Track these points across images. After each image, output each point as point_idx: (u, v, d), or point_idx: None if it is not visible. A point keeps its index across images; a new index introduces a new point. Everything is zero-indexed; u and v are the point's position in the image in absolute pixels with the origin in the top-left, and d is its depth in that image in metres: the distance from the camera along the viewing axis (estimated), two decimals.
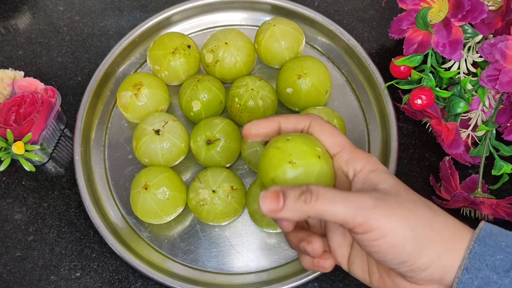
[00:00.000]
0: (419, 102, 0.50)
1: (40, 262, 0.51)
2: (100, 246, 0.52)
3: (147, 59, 0.57)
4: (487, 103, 0.51)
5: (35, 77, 0.55)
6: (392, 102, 0.56)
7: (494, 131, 0.51)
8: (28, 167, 0.51)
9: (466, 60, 0.51)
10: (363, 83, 0.59)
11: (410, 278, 0.34)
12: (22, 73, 0.55)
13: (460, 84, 0.51)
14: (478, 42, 0.52)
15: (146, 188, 0.48)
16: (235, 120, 0.55)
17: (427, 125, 0.57)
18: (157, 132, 0.51)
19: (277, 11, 0.62)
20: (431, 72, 0.51)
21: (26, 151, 0.50)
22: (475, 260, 0.32)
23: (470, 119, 0.53)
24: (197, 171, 0.55)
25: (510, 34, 0.47)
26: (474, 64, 0.52)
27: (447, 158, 0.52)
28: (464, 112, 0.51)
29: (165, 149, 0.51)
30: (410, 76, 0.52)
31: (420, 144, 0.57)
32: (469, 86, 0.51)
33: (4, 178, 0.56)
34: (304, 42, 0.57)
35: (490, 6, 0.50)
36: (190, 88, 0.54)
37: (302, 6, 0.61)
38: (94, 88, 0.57)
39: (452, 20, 0.48)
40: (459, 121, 0.51)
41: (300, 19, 0.61)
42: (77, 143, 0.54)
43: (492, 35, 0.51)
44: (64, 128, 0.58)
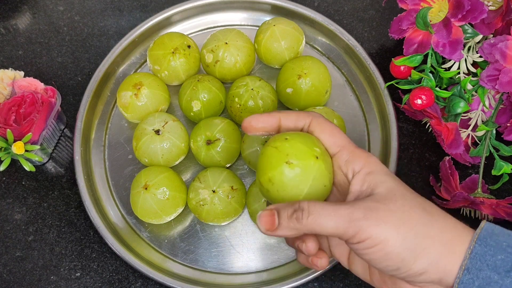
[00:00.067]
0: (419, 102, 0.50)
1: (40, 262, 0.51)
2: (100, 246, 0.52)
3: (147, 59, 0.57)
4: (487, 103, 0.51)
5: (35, 77, 0.55)
6: (392, 102, 0.56)
7: (494, 131, 0.51)
8: (28, 167, 0.51)
9: (466, 60, 0.51)
10: (363, 83, 0.59)
11: (408, 281, 0.34)
12: (22, 73, 0.55)
13: (460, 84, 0.51)
14: (478, 42, 0.52)
15: (146, 188, 0.48)
16: (235, 120, 0.55)
17: (427, 125, 0.57)
18: (157, 132, 0.51)
19: (277, 11, 0.62)
20: (431, 72, 0.51)
21: (26, 151, 0.50)
22: (476, 260, 0.32)
23: (470, 119, 0.53)
24: (197, 171, 0.55)
25: (510, 34, 0.47)
26: (474, 64, 0.52)
27: (447, 158, 0.52)
28: (464, 112, 0.51)
29: (165, 149, 0.51)
30: (410, 76, 0.52)
31: (420, 144, 0.57)
32: (469, 86, 0.51)
33: (4, 178, 0.56)
34: (304, 42, 0.57)
35: (490, 6, 0.50)
36: (190, 88, 0.54)
37: (302, 6, 0.61)
38: (94, 88, 0.57)
39: (452, 20, 0.48)
40: (459, 121, 0.51)
41: (300, 19, 0.61)
42: (77, 143, 0.54)
43: (492, 35, 0.51)
44: (64, 128, 0.58)
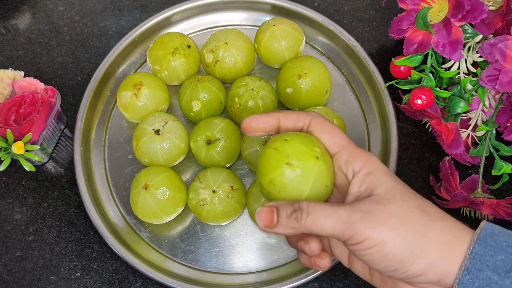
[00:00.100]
0: (419, 102, 0.50)
1: (40, 262, 0.51)
2: (100, 246, 0.52)
3: (147, 59, 0.57)
4: (487, 103, 0.51)
5: (35, 77, 0.55)
6: (392, 102, 0.56)
7: (494, 131, 0.51)
8: (28, 167, 0.51)
9: (466, 60, 0.51)
10: (363, 83, 0.59)
11: (407, 281, 0.34)
12: (22, 73, 0.55)
13: (460, 84, 0.51)
14: (478, 42, 0.52)
15: (146, 188, 0.48)
16: (235, 120, 0.55)
17: (427, 125, 0.57)
18: (157, 132, 0.51)
19: (277, 11, 0.62)
20: (431, 72, 0.51)
21: (26, 151, 0.50)
22: (475, 260, 0.32)
23: (470, 119, 0.53)
24: (197, 171, 0.55)
25: (510, 34, 0.47)
26: (474, 64, 0.52)
27: (447, 158, 0.52)
28: (464, 112, 0.51)
29: (165, 149, 0.51)
30: (410, 76, 0.52)
31: (420, 144, 0.57)
32: (469, 86, 0.51)
33: (4, 178, 0.56)
34: (304, 42, 0.57)
35: (490, 6, 0.50)
36: (190, 88, 0.54)
37: (302, 6, 0.61)
38: (94, 88, 0.57)
39: (452, 20, 0.48)
40: (459, 121, 0.51)
41: (300, 19, 0.61)
42: (77, 143, 0.54)
43: (492, 35, 0.51)
44: (64, 128, 0.58)
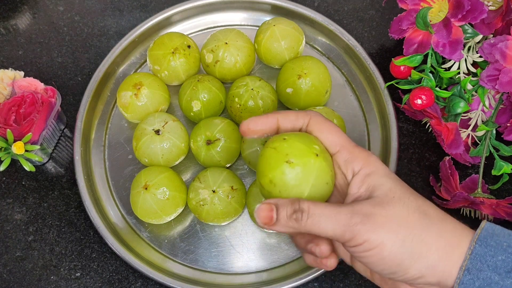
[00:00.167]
0: (419, 102, 0.50)
1: (40, 262, 0.51)
2: (100, 246, 0.52)
3: (147, 59, 0.57)
4: (487, 103, 0.51)
5: (35, 77, 0.55)
6: (392, 102, 0.56)
7: (494, 131, 0.51)
8: (28, 167, 0.51)
9: (466, 60, 0.51)
10: (363, 83, 0.59)
11: (407, 283, 0.34)
12: (22, 73, 0.55)
13: (460, 84, 0.51)
14: (478, 42, 0.52)
15: (146, 188, 0.48)
16: (235, 120, 0.55)
17: (427, 125, 0.57)
18: (157, 132, 0.51)
19: (277, 11, 0.62)
20: (431, 72, 0.51)
21: (26, 151, 0.50)
22: (476, 261, 0.32)
23: (470, 119, 0.53)
24: (197, 171, 0.55)
25: (510, 34, 0.47)
26: (474, 64, 0.52)
27: (447, 158, 0.52)
28: (464, 112, 0.51)
29: (165, 149, 0.51)
30: (410, 76, 0.52)
31: (420, 144, 0.57)
32: (469, 86, 0.51)
33: (4, 178, 0.56)
34: (304, 42, 0.57)
35: (490, 6, 0.50)
36: (190, 88, 0.54)
37: (302, 6, 0.61)
38: (94, 88, 0.57)
39: (452, 20, 0.48)
40: (459, 121, 0.51)
41: (300, 19, 0.61)
42: (77, 143, 0.54)
43: (492, 35, 0.51)
44: (64, 128, 0.58)
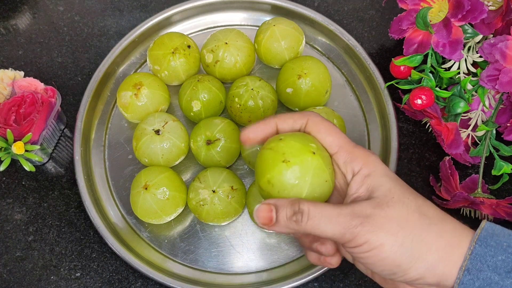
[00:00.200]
0: (419, 102, 0.50)
1: (40, 262, 0.51)
2: (100, 246, 0.52)
3: (147, 59, 0.57)
4: (487, 103, 0.51)
5: (35, 77, 0.55)
6: (392, 102, 0.56)
7: (494, 131, 0.51)
8: (28, 167, 0.51)
9: (466, 60, 0.51)
10: (363, 83, 0.59)
11: (406, 283, 0.34)
12: (22, 73, 0.55)
13: (460, 84, 0.51)
14: (478, 42, 0.52)
15: (146, 188, 0.48)
16: (235, 120, 0.55)
17: (427, 125, 0.57)
18: (157, 132, 0.51)
19: (277, 11, 0.62)
20: (431, 72, 0.51)
21: (26, 151, 0.50)
22: (476, 261, 0.32)
23: (470, 119, 0.53)
24: (197, 171, 0.55)
25: (510, 34, 0.47)
26: (474, 64, 0.52)
27: (447, 158, 0.52)
28: (464, 112, 0.51)
29: (165, 149, 0.51)
30: (410, 76, 0.52)
31: (420, 144, 0.57)
32: (469, 86, 0.51)
33: (4, 178, 0.56)
34: (304, 42, 0.57)
35: (490, 6, 0.50)
36: (190, 88, 0.54)
37: (302, 6, 0.61)
38: (94, 88, 0.57)
39: (452, 20, 0.48)
40: (459, 121, 0.51)
41: (300, 19, 0.61)
42: (77, 143, 0.54)
43: (492, 35, 0.51)
44: (64, 128, 0.58)
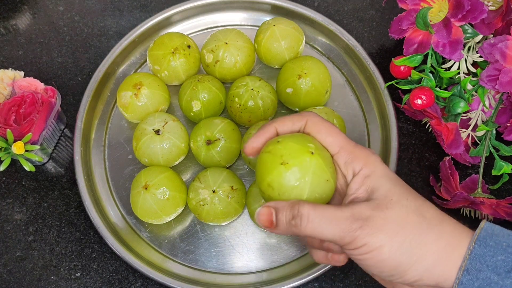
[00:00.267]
0: (419, 102, 0.50)
1: (40, 262, 0.51)
2: (100, 246, 0.52)
3: (147, 59, 0.57)
4: (487, 103, 0.51)
5: (35, 77, 0.55)
6: (392, 102, 0.56)
7: (494, 131, 0.51)
8: (28, 167, 0.51)
9: (466, 60, 0.51)
10: (363, 83, 0.59)
11: (405, 284, 0.34)
12: (22, 73, 0.55)
13: (460, 84, 0.51)
14: (478, 42, 0.52)
15: (146, 188, 0.48)
16: (235, 120, 0.55)
17: (427, 125, 0.57)
18: (157, 132, 0.51)
19: (277, 11, 0.62)
20: (431, 72, 0.51)
21: (26, 151, 0.50)
22: (475, 261, 0.32)
23: (470, 119, 0.53)
24: (197, 171, 0.55)
25: (510, 34, 0.47)
26: (474, 64, 0.52)
27: (447, 158, 0.52)
28: (464, 112, 0.51)
29: (165, 149, 0.51)
30: (410, 76, 0.52)
31: (420, 144, 0.57)
32: (469, 86, 0.51)
33: (4, 178, 0.56)
34: (304, 42, 0.57)
35: (490, 6, 0.50)
36: (190, 88, 0.54)
37: (302, 6, 0.61)
38: (94, 88, 0.57)
39: (452, 20, 0.48)
40: (459, 121, 0.51)
41: (300, 19, 0.61)
42: (77, 143, 0.54)
43: (492, 35, 0.51)
44: (64, 128, 0.58)
